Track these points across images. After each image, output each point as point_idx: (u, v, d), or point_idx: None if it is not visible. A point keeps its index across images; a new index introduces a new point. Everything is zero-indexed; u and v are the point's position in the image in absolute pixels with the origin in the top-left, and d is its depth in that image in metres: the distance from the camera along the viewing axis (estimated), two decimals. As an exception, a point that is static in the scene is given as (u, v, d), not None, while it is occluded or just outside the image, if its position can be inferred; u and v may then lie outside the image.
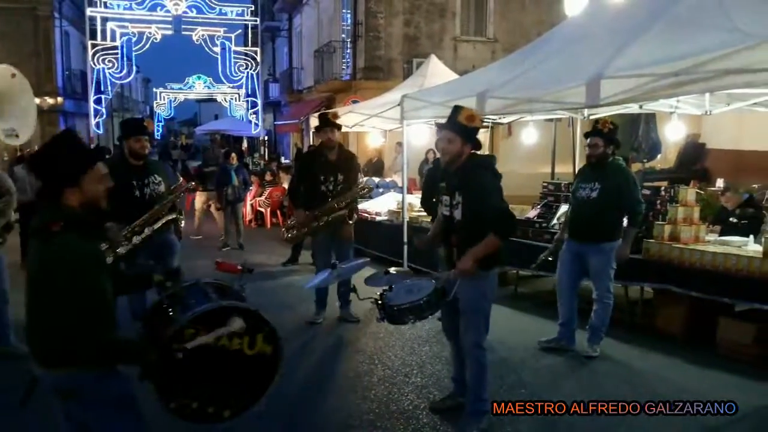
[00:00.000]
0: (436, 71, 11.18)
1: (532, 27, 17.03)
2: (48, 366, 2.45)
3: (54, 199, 2.46)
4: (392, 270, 4.06)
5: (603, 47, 5.88)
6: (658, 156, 12.05)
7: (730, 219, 6.80)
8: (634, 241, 6.07)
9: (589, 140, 5.47)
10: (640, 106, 7.08)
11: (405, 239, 8.25)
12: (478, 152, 4.02)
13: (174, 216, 5.52)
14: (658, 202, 6.40)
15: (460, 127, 3.85)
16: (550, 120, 9.71)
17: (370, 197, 9.83)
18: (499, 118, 8.49)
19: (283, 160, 23.30)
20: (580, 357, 5.45)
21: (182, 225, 5.98)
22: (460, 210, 3.86)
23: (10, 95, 6.24)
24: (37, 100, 22.10)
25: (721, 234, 6.43)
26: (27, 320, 2.49)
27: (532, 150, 10.00)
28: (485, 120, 8.34)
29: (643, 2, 6.61)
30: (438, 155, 4.66)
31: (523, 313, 6.87)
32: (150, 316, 2.96)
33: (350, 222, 6.24)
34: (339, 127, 6.34)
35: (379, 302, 3.75)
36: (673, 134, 8.08)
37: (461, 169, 3.89)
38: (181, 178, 10.01)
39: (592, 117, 7.83)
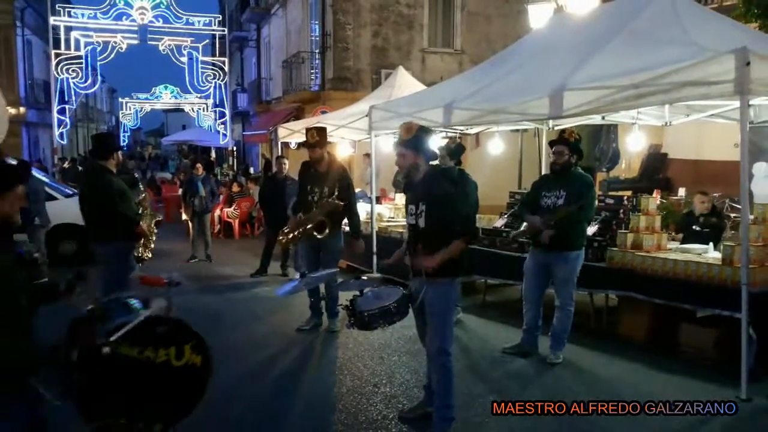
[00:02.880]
0: (404, 82, 11.26)
1: (498, 39, 17.26)
2: None
3: None
4: (364, 276, 4.15)
5: (565, 60, 6.01)
6: (620, 165, 12.31)
7: (693, 227, 6.97)
8: (599, 249, 6.20)
9: (554, 148, 5.57)
10: (603, 117, 7.24)
11: (374, 249, 8.27)
12: (458, 157, 4.20)
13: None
14: (621, 211, 6.53)
15: (403, 141, 4.06)
16: (517, 131, 9.86)
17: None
18: (466, 129, 8.58)
19: (251, 170, 23.16)
20: (544, 363, 5.52)
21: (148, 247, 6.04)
22: (423, 218, 4.01)
23: None
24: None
25: (684, 241, 6.59)
26: None
27: (499, 160, 10.12)
28: (453, 130, 8.43)
29: (603, 16, 6.80)
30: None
31: (490, 321, 6.92)
32: (72, 329, 2.83)
33: (318, 236, 6.21)
34: (319, 145, 6.36)
35: (350, 308, 3.88)
36: (635, 145, 8.26)
37: (423, 179, 4.06)
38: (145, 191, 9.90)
39: (557, 128, 7.98)
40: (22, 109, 23.71)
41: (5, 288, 2.36)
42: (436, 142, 4.78)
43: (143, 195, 6.69)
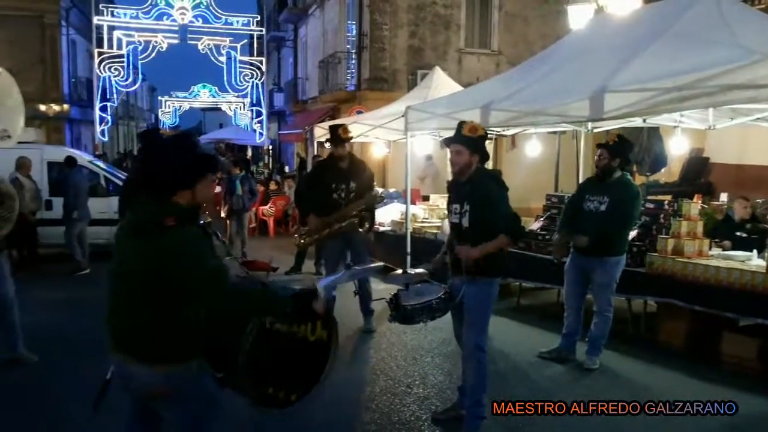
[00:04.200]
0: (441, 83, 11.22)
1: (537, 40, 17.09)
2: (154, 363, 2.48)
3: (164, 197, 2.52)
4: (410, 270, 4.18)
5: (607, 61, 5.92)
6: (662, 169, 12.05)
7: (737, 233, 6.78)
8: (638, 254, 6.09)
9: (598, 151, 5.54)
10: (644, 120, 7.11)
11: (408, 249, 8.27)
12: (485, 163, 4.21)
13: None
14: (662, 215, 6.40)
15: (465, 139, 4.05)
16: (554, 132, 9.74)
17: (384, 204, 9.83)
18: (503, 131, 8.52)
19: (286, 169, 23.37)
20: (581, 368, 5.45)
21: None
22: (467, 218, 4.04)
23: None
24: (43, 107, 22.28)
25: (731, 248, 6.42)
26: (120, 319, 2.52)
27: (535, 162, 10.01)
28: (489, 132, 8.36)
29: (645, 17, 6.67)
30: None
31: (525, 325, 6.86)
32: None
33: (360, 230, 6.25)
34: (347, 140, 6.39)
35: (393, 302, 3.95)
36: (677, 148, 8.10)
37: (469, 179, 4.08)
38: None
39: (596, 130, 7.86)
40: (65, 107, 24.31)
41: (206, 255, 2.51)
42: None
43: None
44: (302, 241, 6.72)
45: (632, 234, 6.06)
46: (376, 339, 6.21)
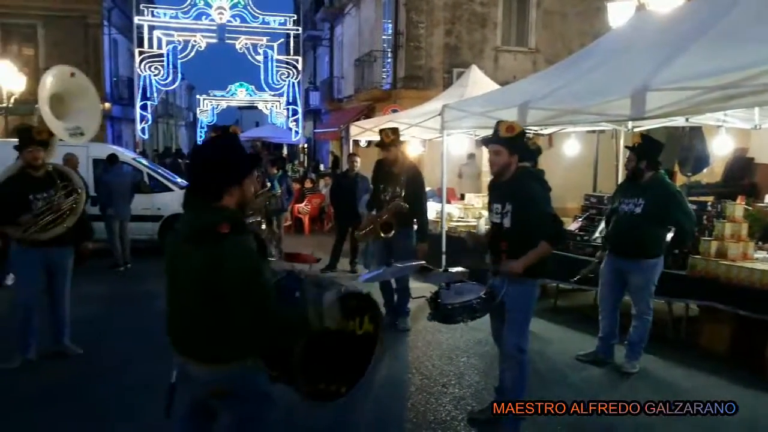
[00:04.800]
0: (477, 81, 11.17)
1: (575, 38, 16.87)
2: (213, 363, 2.53)
3: (214, 200, 2.54)
4: (452, 269, 4.17)
5: (648, 59, 5.81)
6: (705, 170, 11.78)
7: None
8: (680, 257, 5.97)
9: (627, 154, 5.46)
10: (687, 119, 6.97)
11: (443, 249, 8.25)
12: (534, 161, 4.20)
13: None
14: (705, 217, 6.26)
15: (503, 139, 4.03)
16: (593, 132, 9.60)
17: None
18: (540, 129, 8.43)
19: (321, 167, 23.51)
20: (619, 372, 5.37)
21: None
22: (509, 218, 4.02)
23: (71, 95, 6.32)
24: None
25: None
26: (180, 323, 2.58)
27: (573, 162, 9.87)
28: (527, 130, 8.29)
29: (689, 14, 6.53)
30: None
31: (562, 326, 6.79)
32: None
33: (383, 236, 6.27)
34: (391, 144, 6.40)
35: (433, 300, 3.93)
36: (720, 148, 7.91)
37: (511, 179, 4.06)
38: None
39: (636, 129, 7.73)
40: (107, 105, 24.87)
41: (260, 266, 2.50)
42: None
43: None
44: (360, 232, 6.84)
45: (671, 236, 5.95)
46: (412, 337, 6.22)
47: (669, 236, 5.61)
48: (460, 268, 4.22)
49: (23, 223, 5.03)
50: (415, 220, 6.47)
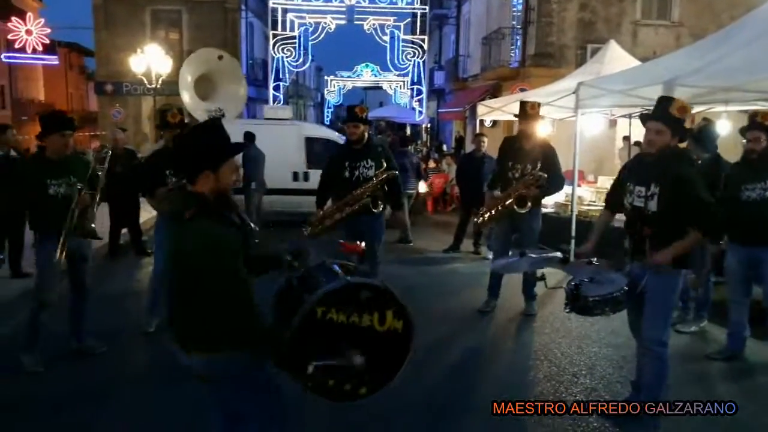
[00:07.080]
0: (615, 57, 10.56)
1: (725, 10, 15.50)
2: (191, 350, 2.60)
3: (190, 184, 2.59)
4: (595, 260, 3.94)
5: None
6: None
7: None
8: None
9: (747, 134, 4.88)
10: None
11: (573, 233, 7.94)
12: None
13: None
14: None
15: (671, 119, 3.65)
16: (745, 111, 8.78)
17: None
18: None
19: (444, 147, 23.40)
20: (752, 368, 4.96)
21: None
22: (655, 201, 3.69)
23: (218, 76, 6.63)
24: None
25: None
26: (171, 304, 2.69)
27: (723, 142, 9.10)
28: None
29: None
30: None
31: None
32: (279, 296, 3.01)
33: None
34: (533, 117, 6.11)
35: (573, 292, 3.72)
36: None
37: (658, 158, 3.69)
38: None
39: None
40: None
41: (229, 265, 2.51)
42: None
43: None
44: (479, 221, 6.59)
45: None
46: (539, 324, 6.04)
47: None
48: (603, 259, 3.96)
49: (157, 196, 5.30)
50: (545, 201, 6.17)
